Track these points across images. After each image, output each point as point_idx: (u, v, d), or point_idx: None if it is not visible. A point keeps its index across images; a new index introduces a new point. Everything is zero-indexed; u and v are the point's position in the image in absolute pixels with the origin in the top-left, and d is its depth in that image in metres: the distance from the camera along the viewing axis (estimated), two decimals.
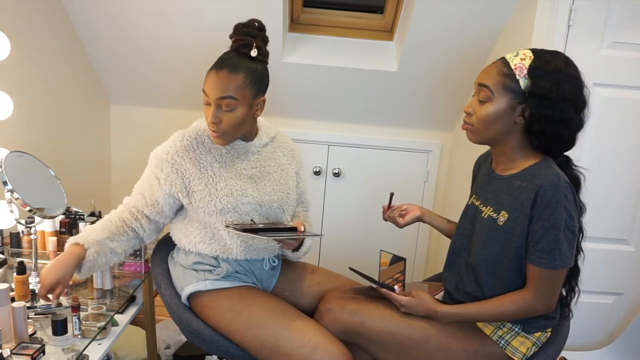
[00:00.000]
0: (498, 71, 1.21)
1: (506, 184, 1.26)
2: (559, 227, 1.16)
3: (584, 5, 1.79)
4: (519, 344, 1.30)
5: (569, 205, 1.17)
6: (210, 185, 1.38)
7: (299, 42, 2.33)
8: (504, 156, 1.29)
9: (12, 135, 1.79)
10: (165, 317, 2.18)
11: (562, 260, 1.18)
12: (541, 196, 1.16)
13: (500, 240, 1.24)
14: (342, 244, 2.61)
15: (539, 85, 1.16)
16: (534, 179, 1.19)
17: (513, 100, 1.19)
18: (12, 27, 1.74)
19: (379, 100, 2.45)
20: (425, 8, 2.02)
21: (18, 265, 1.40)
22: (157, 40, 2.22)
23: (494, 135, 1.25)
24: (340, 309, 1.36)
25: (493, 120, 1.22)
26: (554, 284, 1.22)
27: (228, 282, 1.43)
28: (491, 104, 1.21)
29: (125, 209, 1.44)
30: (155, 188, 1.41)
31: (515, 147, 1.25)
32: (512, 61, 1.20)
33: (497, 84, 1.20)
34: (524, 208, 1.19)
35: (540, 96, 1.16)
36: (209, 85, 1.32)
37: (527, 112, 1.19)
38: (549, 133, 1.19)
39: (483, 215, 1.30)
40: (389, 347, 1.33)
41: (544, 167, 1.21)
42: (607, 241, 1.98)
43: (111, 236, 1.36)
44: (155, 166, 1.41)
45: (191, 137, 1.42)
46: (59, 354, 1.23)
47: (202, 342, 1.41)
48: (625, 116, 1.87)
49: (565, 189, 1.17)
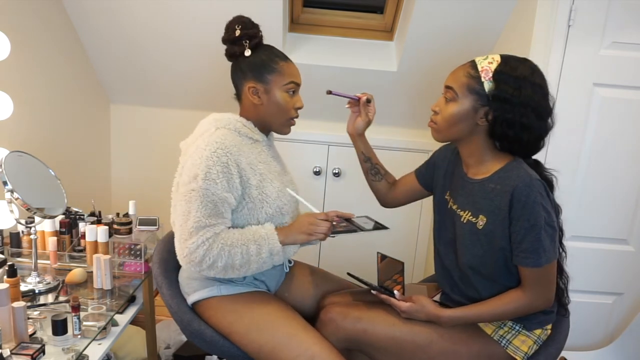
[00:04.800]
0: (465, 73, 1.24)
1: (480, 187, 1.28)
2: (539, 226, 1.17)
3: (584, 5, 1.79)
4: (521, 343, 1.30)
5: (544, 202, 1.19)
6: (259, 189, 1.34)
7: (299, 42, 2.33)
8: (473, 158, 1.30)
9: (12, 135, 1.78)
10: (165, 317, 2.18)
11: (547, 256, 1.19)
12: (517, 197, 1.18)
13: (482, 243, 1.25)
14: (342, 244, 2.61)
15: (502, 89, 1.19)
16: (507, 181, 1.21)
17: (476, 102, 1.22)
18: (12, 27, 1.74)
19: (379, 100, 2.43)
20: (425, 8, 2.02)
21: (9, 268, 1.36)
22: (157, 40, 2.22)
23: (457, 135, 1.28)
24: (342, 318, 1.35)
25: (456, 120, 1.25)
26: (546, 279, 1.23)
27: (244, 287, 1.40)
28: (455, 104, 1.24)
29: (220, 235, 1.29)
30: (230, 196, 1.30)
31: (482, 148, 1.28)
32: (480, 64, 1.23)
33: (462, 85, 1.23)
34: (501, 211, 1.21)
35: (502, 100, 1.19)
36: (296, 74, 1.39)
37: (490, 115, 1.21)
38: (511, 137, 1.21)
39: (462, 220, 1.31)
40: (392, 353, 1.33)
41: (515, 167, 1.23)
42: (607, 241, 1.98)
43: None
44: (220, 174, 1.27)
45: (234, 136, 1.35)
46: (59, 354, 1.23)
47: (202, 343, 1.41)
48: (625, 116, 1.87)
49: (539, 187, 1.19)
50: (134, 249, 1.67)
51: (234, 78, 1.41)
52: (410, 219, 2.59)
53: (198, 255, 1.25)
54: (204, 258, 1.26)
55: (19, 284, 1.41)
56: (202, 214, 1.25)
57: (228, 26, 1.38)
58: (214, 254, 1.26)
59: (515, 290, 1.25)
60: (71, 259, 1.68)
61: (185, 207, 1.27)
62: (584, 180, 1.94)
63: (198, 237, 1.25)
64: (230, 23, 1.38)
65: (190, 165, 1.28)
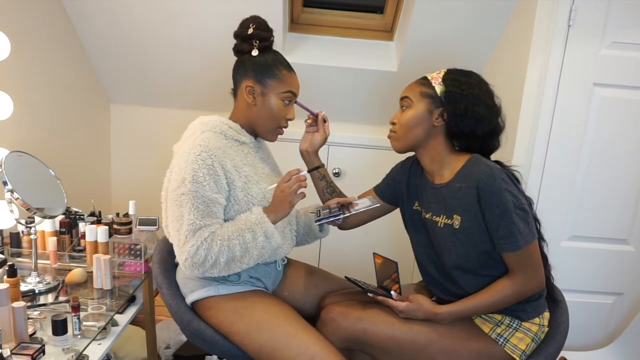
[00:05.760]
0: (417, 83, 1.36)
1: (448, 190, 1.32)
2: (509, 210, 1.22)
3: (584, 5, 1.79)
4: (518, 341, 1.31)
5: (509, 187, 1.23)
6: (244, 191, 1.35)
7: (299, 42, 2.33)
8: (435, 163, 1.36)
9: (12, 135, 1.79)
10: (165, 317, 2.18)
11: (524, 238, 1.23)
12: (482, 189, 1.23)
13: (463, 242, 1.28)
14: (342, 245, 2.61)
15: (451, 88, 1.30)
16: (470, 176, 1.26)
17: (430, 104, 1.32)
18: (12, 27, 1.74)
19: (379, 100, 2.45)
20: (425, 8, 2.02)
21: (9, 268, 1.37)
22: (157, 40, 2.22)
23: (416, 140, 1.35)
24: (342, 317, 1.36)
25: (414, 124, 1.33)
26: (531, 261, 1.26)
27: (241, 286, 1.41)
28: (411, 110, 1.34)
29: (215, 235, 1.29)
30: (220, 197, 1.31)
31: (442, 152, 1.34)
32: (429, 75, 1.35)
33: (415, 92, 1.34)
34: (472, 206, 1.25)
35: (453, 96, 1.29)
36: (296, 85, 1.41)
37: (444, 114, 1.30)
38: (467, 132, 1.30)
39: (439, 225, 1.34)
40: (392, 353, 1.33)
41: (475, 163, 1.28)
42: (607, 241, 1.98)
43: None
44: (207, 176, 1.28)
45: (220, 139, 1.36)
46: (59, 354, 1.23)
47: (203, 342, 1.41)
48: (625, 116, 1.88)
49: (500, 174, 1.24)
50: (134, 249, 1.67)
51: (235, 73, 1.42)
52: None
53: (200, 257, 1.26)
54: (206, 258, 1.26)
55: (19, 284, 1.41)
56: (195, 216, 1.26)
57: (243, 23, 1.39)
58: (215, 251, 1.26)
59: (505, 277, 1.28)
60: (71, 259, 1.68)
61: (177, 211, 1.28)
62: (584, 180, 1.94)
63: (196, 239, 1.26)
64: (246, 20, 1.39)
65: (177, 170, 1.30)
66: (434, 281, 1.42)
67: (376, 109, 2.48)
